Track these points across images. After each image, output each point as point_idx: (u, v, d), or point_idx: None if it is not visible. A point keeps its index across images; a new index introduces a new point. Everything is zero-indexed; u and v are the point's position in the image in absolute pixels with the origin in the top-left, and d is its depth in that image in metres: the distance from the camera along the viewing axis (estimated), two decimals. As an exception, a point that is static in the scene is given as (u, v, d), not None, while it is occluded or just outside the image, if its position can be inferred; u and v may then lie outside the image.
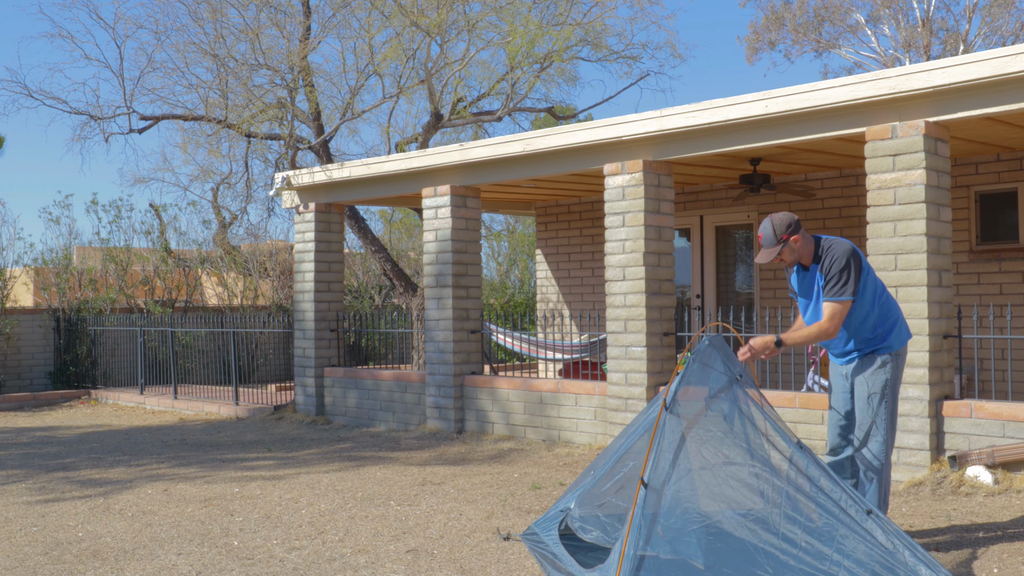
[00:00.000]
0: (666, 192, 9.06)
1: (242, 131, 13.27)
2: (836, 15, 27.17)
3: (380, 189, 11.39)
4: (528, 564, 5.15)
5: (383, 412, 11.24)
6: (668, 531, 4.18)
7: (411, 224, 21.83)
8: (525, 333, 11.01)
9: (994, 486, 6.52)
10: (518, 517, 6.29)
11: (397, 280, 13.74)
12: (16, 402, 14.63)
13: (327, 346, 12.13)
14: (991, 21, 25.58)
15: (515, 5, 13.60)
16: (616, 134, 8.82)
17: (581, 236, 13.30)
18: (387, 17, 13.09)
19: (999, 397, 9.29)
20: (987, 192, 9.92)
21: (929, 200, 7.11)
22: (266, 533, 6.05)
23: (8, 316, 15.99)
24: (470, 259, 10.66)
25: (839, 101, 7.34)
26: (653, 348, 8.85)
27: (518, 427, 9.88)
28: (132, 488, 7.69)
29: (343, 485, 7.58)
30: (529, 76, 14.23)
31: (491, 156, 9.88)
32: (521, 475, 7.92)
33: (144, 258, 18.63)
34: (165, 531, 6.16)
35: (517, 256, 23.23)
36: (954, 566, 4.91)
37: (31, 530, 6.30)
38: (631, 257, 8.92)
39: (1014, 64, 6.52)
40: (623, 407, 8.88)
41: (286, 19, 13.57)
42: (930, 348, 7.04)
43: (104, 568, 5.33)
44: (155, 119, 14.49)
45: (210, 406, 13.32)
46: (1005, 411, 6.81)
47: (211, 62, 13.52)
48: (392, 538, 5.83)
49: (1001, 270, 9.76)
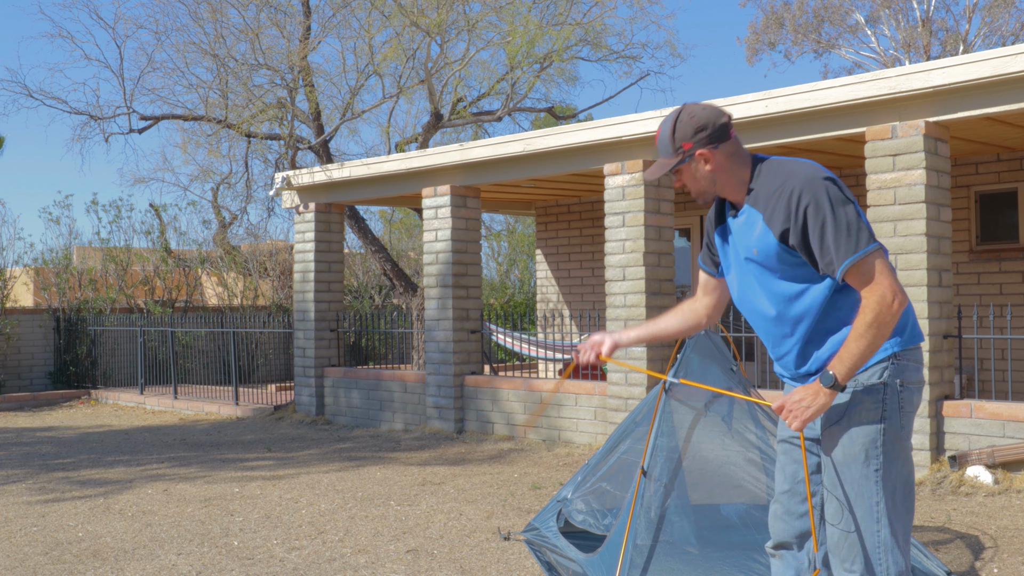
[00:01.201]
0: (666, 192, 9.06)
1: (242, 131, 13.26)
2: (836, 15, 27.17)
3: (380, 189, 11.39)
4: (528, 564, 5.15)
5: (383, 412, 11.24)
6: (667, 518, 4.20)
7: (411, 224, 21.83)
8: (525, 333, 11.01)
9: (994, 486, 6.52)
10: (518, 517, 6.29)
11: (397, 280, 13.73)
12: (16, 402, 14.62)
13: (327, 346, 12.13)
14: (991, 21, 25.59)
15: (515, 5, 13.60)
16: (616, 134, 8.82)
17: (581, 236, 13.29)
18: (387, 17, 13.09)
19: (999, 397, 9.29)
20: (987, 192, 9.92)
21: (929, 200, 7.11)
22: (266, 533, 6.05)
23: (8, 316, 15.99)
24: (470, 259, 10.66)
25: (839, 101, 7.35)
26: (653, 348, 8.85)
27: (518, 427, 9.88)
28: (132, 488, 7.69)
29: (343, 485, 7.58)
30: (529, 76, 14.23)
31: (491, 156, 9.88)
32: (521, 475, 7.92)
33: (144, 258, 18.63)
34: (165, 531, 6.16)
35: (517, 256, 23.23)
36: (954, 566, 4.91)
37: (31, 530, 6.30)
38: (631, 257, 8.92)
39: (1014, 64, 6.52)
40: (623, 407, 8.88)
41: (286, 19, 13.57)
42: (930, 348, 7.04)
43: (104, 568, 5.32)
44: (155, 119, 14.49)
45: (210, 406, 13.32)
46: (1005, 411, 6.81)
47: (211, 62, 13.53)
48: (392, 538, 5.83)
49: (1001, 270, 9.76)
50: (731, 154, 2.94)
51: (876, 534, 2.79)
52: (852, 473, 2.80)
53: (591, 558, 4.42)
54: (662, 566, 4.09)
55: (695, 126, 2.90)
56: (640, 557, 4.08)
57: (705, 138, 2.90)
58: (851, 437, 2.81)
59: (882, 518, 2.78)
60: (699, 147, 2.91)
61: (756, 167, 2.94)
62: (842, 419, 2.82)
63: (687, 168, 2.97)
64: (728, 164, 2.94)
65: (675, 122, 2.94)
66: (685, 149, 2.93)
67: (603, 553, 4.31)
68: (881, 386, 2.79)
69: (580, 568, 4.50)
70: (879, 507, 2.78)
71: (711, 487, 4.41)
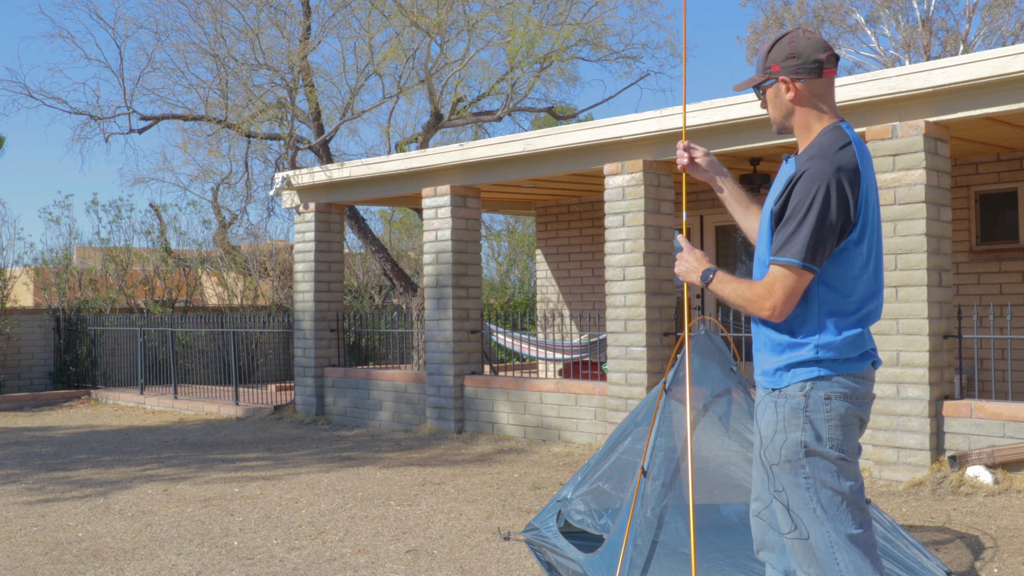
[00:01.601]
0: (666, 192, 9.06)
1: (242, 131, 13.27)
2: (836, 15, 27.17)
3: (380, 189, 11.39)
4: (528, 564, 5.15)
5: (383, 412, 11.24)
6: (667, 518, 4.20)
7: (411, 224, 21.83)
8: (525, 333, 11.01)
9: (994, 486, 6.52)
10: (518, 517, 6.29)
11: (397, 280, 13.73)
12: (16, 402, 14.62)
13: (327, 346, 12.13)
14: (991, 21, 25.58)
15: (515, 5, 13.60)
16: (616, 134, 8.82)
17: (581, 236, 13.29)
18: (387, 17, 13.09)
19: (999, 397, 9.29)
20: (987, 192, 9.92)
21: (929, 200, 7.11)
22: (266, 533, 6.05)
23: (8, 316, 15.99)
24: (470, 259, 10.66)
25: (839, 101, 7.34)
26: (653, 348, 8.85)
27: (518, 427, 9.88)
28: (132, 488, 7.69)
29: (343, 485, 7.58)
30: (529, 76, 14.23)
31: (491, 156, 9.88)
32: (521, 475, 7.92)
33: (144, 258, 18.63)
34: (165, 531, 6.16)
35: (517, 256, 23.23)
36: (954, 566, 4.91)
37: (31, 530, 6.30)
38: (631, 257, 8.92)
39: (1014, 64, 6.52)
40: (623, 407, 8.88)
41: (286, 19, 13.57)
42: (930, 348, 7.04)
43: (104, 568, 5.32)
44: (155, 119, 14.49)
45: (210, 406, 13.32)
46: (1005, 411, 6.81)
47: (211, 62, 13.53)
48: (392, 538, 5.83)
49: (1001, 270, 9.76)
50: (817, 95, 2.87)
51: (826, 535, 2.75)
52: (785, 480, 2.80)
53: (591, 558, 4.42)
54: (662, 566, 4.09)
55: (790, 51, 2.85)
56: (640, 557, 4.08)
57: (794, 66, 2.83)
58: (779, 446, 2.81)
59: (825, 522, 2.75)
60: (785, 73, 2.85)
61: (826, 128, 2.88)
62: (775, 428, 2.82)
63: (770, 91, 2.91)
64: (809, 102, 2.87)
65: (775, 42, 2.89)
66: (773, 71, 2.87)
67: (603, 553, 4.31)
68: (803, 399, 2.78)
69: (580, 568, 4.50)
70: (816, 511, 2.76)
71: (711, 487, 4.41)
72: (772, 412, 2.82)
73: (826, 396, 2.77)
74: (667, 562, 4.10)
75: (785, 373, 2.81)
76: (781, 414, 2.80)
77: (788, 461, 2.78)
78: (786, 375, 2.80)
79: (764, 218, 2.90)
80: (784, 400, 2.80)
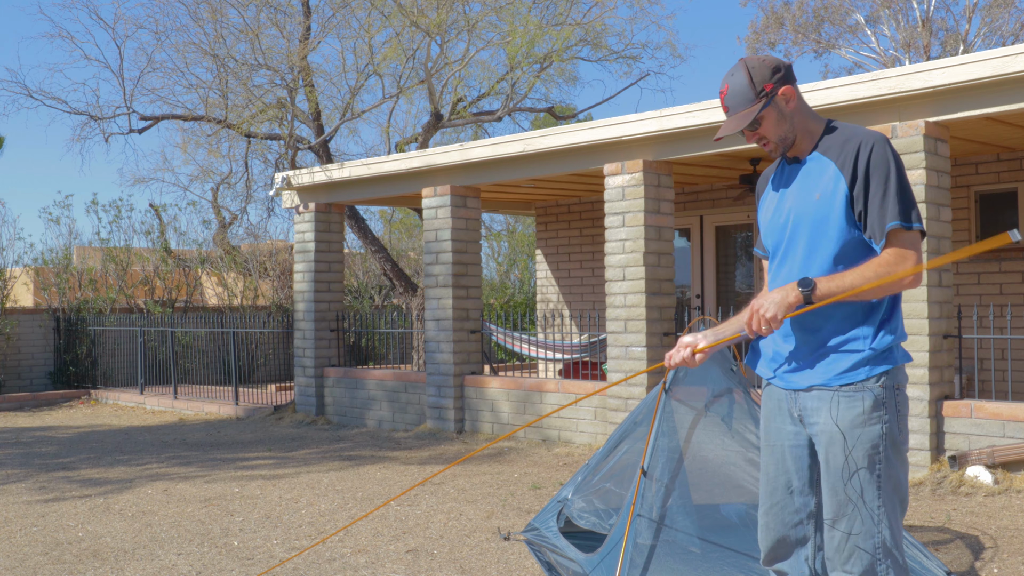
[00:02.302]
0: (666, 192, 9.06)
1: (242, 131, 13.27)
2: (836, 15, 27.17)
3: (380, 189, 11.39)
4: (528, 564, 5.15)
5: (383, 412, 11.24)
6: (667, 518, 4.20)
7: (411, 224, 21.83)
8: (525, 333, 11.01)
9: (994, 486, 6.52)
10: (518, 517, 6.29)
11: (397, 280, 13.73)
12: (16, 402, 14.62)
13: (327, 346, 12.13)
14: (991, 21, 25.59)
15: (515, 5, 13.60)
16: (616, 134, 8.82)
17: (581, 236, 13.29)
18: (387, 17, 13.09)
19: (999, 397, 9.29)
20: (987, 192, 9.92)
21: (929, 200, 7.11)
22: (266, 533, 6.04)
23: (8, 316, 15.99)
24: (470, 259, 10.66)
25: (839, 101, 7.35)
26: (653, 348, 8.85)
27: (518, 427, 9.87)
28: (132, 488, 7.69)
29: (343, 485, 7.58)
30: (529, 76, 14.23)
31: (491, 156, 9.88)
32: (521, 475, 7.92)
33: (144, 258, 18.63)
34: (165, 531, 6.16)
35: (517, 256, 23.23)
36: (954, 566, 4.91)
37: (31, 530, 6.30)
38: (631, 257, 8.92)
39: (1014, 64, 6.52)
40: (623, 407, 8.88)
41: (286, 19, 13.58)
42: (930, 348, 7.04)
43: (104, 568, 5.32)
44: (155, 119, 14.49)
45: (210, 406, 13.32)
46: (1005, 411, 6.81)
47: (211, 62, 13.53)
48: (392, 538, 5.83)
49: (1001, 270, 9.76)
50: (802, 97, 2.91)
51: (877, 536, 2.75)
52: (855, 476, 2.76)
53: (591, 558, 4.42)
54: (662, 566, 4.09)
55: (770, 67, 2.85)
56: (640, 557, 4.08)
57: (782, 77, 2.86)
58: (855, 441, 2.76)
59: (882, 520, 2.75)
60: (780, 85, 2.85)
61: (827, 123, 2.92)
62: (846, 422, 2.77)
63: (769, 112, 2.86)
64: (803, 105, 2.90)
65: (747, 70, 2.85)
66: (767, 90, 2.84)
67: (603, 553, 4.31)
68: (882, 390, 2.77)
69: (580, 568, 4.50)
70: (880, 510, 2.75)
71: (711, 487, 4.41)
72: (848, 408, 2.77)
73: (897, 387, 2.80)
74: (668, 562, 4.10)
75: (863, 367, 2.77)
76: (862, 408, 2.76)
77: (868, 455, 2.75)
78: (863, 369, 2.77)
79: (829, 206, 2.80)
80: (860, 394, 2.77)
